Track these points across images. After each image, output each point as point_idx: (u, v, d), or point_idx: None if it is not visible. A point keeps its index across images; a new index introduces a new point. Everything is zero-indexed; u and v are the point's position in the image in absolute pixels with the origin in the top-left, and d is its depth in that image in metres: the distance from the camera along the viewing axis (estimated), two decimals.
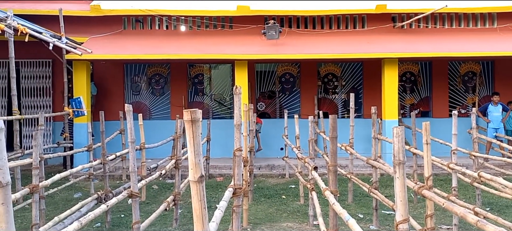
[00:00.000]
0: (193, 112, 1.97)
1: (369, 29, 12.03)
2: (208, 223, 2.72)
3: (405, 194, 2.19)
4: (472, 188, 7.90)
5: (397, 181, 2.19)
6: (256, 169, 10.43)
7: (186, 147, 10.23)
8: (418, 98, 12.86)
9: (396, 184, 2.20)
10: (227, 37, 11.86)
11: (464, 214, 3.32)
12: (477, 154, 7.49)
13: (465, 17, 12.11)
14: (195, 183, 2.00)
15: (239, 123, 4.56)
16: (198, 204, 2.02)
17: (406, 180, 4.95)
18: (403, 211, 2.19)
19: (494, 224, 4.70)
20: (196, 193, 2.01)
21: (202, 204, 2.01)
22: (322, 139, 10.54)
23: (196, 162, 1.99)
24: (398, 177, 2.18)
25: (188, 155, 2.02)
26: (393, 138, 2.16)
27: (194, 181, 2.00)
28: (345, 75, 12.90)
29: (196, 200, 2.02)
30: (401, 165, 2.19)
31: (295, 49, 11.18)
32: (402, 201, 2.18)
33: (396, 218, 2.25)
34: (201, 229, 2.01)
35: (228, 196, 4.04)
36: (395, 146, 2.19)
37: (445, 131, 8.94)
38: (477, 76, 12.71)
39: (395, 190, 2.21)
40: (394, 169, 2.17)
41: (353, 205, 7.60)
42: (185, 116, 1.99)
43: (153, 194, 8.51)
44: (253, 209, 7.24)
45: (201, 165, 2.01)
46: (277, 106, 12.97)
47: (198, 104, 12.66)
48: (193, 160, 2.00)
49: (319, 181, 4.86)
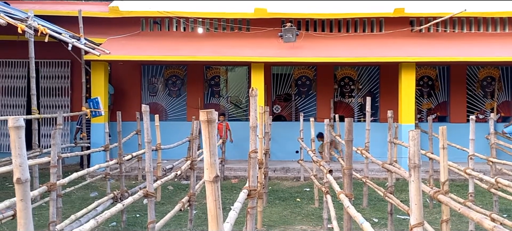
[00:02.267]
0: (209, 112, 2.00)
1: (387, 33, 11.94)
2: (223, 224, 2.75)
3: (420, 197, 2.18)
4: (489, 195, 7.77)
5: (412, 184, 2.18)
6: (271, 171, 10.45)
7: (201, 149, 10.34)
8: (436, 103, 12.71)
9: (411, 188, 2.19)
10: (244, 40, 11.92)
11: (481, 220, 3.28)
12: (495, 160, 7.37)
13: (484, 22, 11.94)
14: (210, 183, 2.02)
15: (255, 125, 4.57)
16: (213, 204, 2.04)
17: (422, 184, 4.90)
18: (418, 214, 2.18)
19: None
20: (211, 193, 2.03)
21: (217, 204, 2.03)
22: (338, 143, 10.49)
23: (211, 162, 2.02)
24: (413, 181, 2.17)
25: (204, 155, 2.04)
26: (409, 141, 2.15)
27: (209, 181, 2.02)
28: (362, 78, 12.83)
29: (211, 200, 2.04)
30: (417, 168, 2.18)
31: (312, 52, 11.16)
32: (417, 204, 2.17)
33: (410, 221, 2.24)
34: (216, 228, 2.03)
35: (242, 198, 4.06)
36: (411, 150, 2.18)
37: (462, 136, 8.83)
38: (496, 81, 12.51)
39: (410, 194, 2.20)
40: (409, 173, 2.16)
41: (368, 209, 7.55)
42: (201, 116, 2.01)
43: (168, 195, 8.58)
44: (268, 211, 7.25)
45: (217, 165, 2.03)
46: (293, 109, 12.95)
47: (214, 106, 12.72)
48: (208, 160, 2.02)
49: (334, 184, 4.84)
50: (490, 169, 8.12)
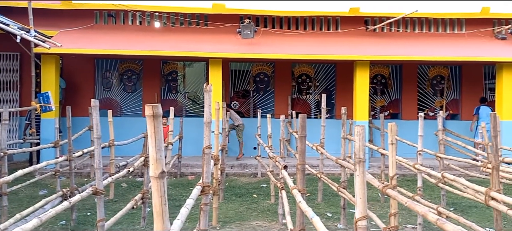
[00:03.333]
0: (154, 106, 1.96)
1: (342, 32, 12.19)
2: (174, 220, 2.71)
3: (364, 191, 2.24)
4: (437, 189, 8.10)
5: (357, 178, 2.23)
6: (228, 168, 10.44)
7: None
8: (388, 100, 13.11)
9: (356, 182, 2.24)
10: (201, 35, 11.81)
11: (425, 212, 3.40)
12: (442, 156, 7.69)
13: (435, 22, 12.42)
14: (156, 179, 1.99)
15: (209, 120, 4.54)
16: (159, 200, 2.00)
17: (372, 179, 5.03)
18: (362, 208, 2.23)
19: (456, 223, 4.85)
20: (156, 189, 2.00)
21: (163, 200, 2.00)
22: (295, 139, 10.60)
23: (157, 158, 1.98)
24: (358, 175, 2.22)
25: (150, 151, 2.00)
26: (355, 136, 2.20)
27: (155, 177, 1.99)
28: (319, 76, 13.04)
29: (157, 197, 2.00)
30: (362, 163, 2.23)
31: (270, 49, 11.22)
32: (362, 198, 2.22)
33: (355, 215, 2.29)
34: (161, 225, 2.00)
35: (195, 194, 4.02)
36: (356, 145, 2.23)
37: (413, 133, 9.12)
38: (445, 80, 13.06)
39: (355, 188, 2.25)
40: (354, 167, 2.21)
41: (323, 204, 7.69)
42: (146, 111, 1.97)
43: (121, 192, 8.39)
44: (224, 208, 7.23)
45: (163, 161, 1.99)
46: (251, 105, 12.99)
47: (171, 101, 12.54)
48: (154, 156, 1.98)
49: (288, 180, 4.89)
50: (438, 164, 8.47)
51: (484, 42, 11.92)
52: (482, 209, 7.32)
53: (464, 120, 12.68)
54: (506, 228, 6.19)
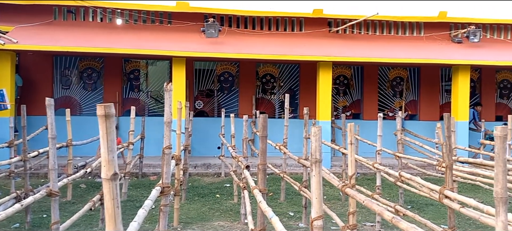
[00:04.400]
0: (107, 106, 1.90)
1: (306, 32, 12.33)
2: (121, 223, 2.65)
3: (320, 191, 2.26)
4: (396, 187, 8.32)
5: (313, 179, 2.25)
6: (191, 168, 10.35)
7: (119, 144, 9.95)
8: (350, 101, 13.37)
9: (312, 182, 2.26)
10: (165, 33, 11.66)
11: (381, 211, 3.49)
12: (400, 155, 7.91)
13: (395, 25, 12.76)
14: (108, 181, 1.93)
15: (170, 120, 4.48)
16: (111, 202, 1.95)
17: (332, 178, 5.10)
18: (318, 208, 2.25)
19: (412, 221, 4.99)
20: (108, 191, 1.94)
21: (115, 202, 1.95)
22: (258, 139, 10.64)
23: (109, 159, 1.93)
24: (314, 175, 2.24)
25: (101, 152, 1.95)
26: (311, 137, 2.22)
27: (107, 178, 1.93)
28: (283, 76, 13.13)
29: (109, 199, 1.95)
30: (318, 163, 2.25)
31: (234, 48, 11.20)
32: (318, 198, 2.25)
33: (311, 214, 2.31)
34: (113, 228, 1.95)
35: (154, 195, 3.96)
36: (312, 145, 2.25)
37: (374, 132, 9.33)
38: (404, 81, 13.44)
39: (311, 188, 2.27)
40: (311, 167, 2.23)
41: (285, 203, 7.74)
42: (98, 110, 1.91)
43: (80, 194, 8.16)
44: (186, 208, 7.16)
45: (115, 162, 1.94)
46: (215, 105, 12.93)
47: (134, 100, 12.31)
48: (106, 157, 1.93)
49: (249, 180, 4.89)
50: (397, 164, 8.71)
51: (441, 45, 12.35)
52: (437, 207, 7.57)
53: (422, 120, 13.10)
54: (459, 225, 6.43)
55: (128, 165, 8.22)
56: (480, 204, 3.74)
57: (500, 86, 13.87)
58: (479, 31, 12.12)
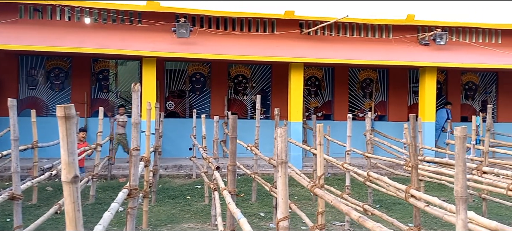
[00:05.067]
0: (66, 108, 1.85)
1: (278, 34, 12.39)
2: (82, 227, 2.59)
3: (286, 192, 2.27)
4: (365, 187, 8.46)
5: (279, 180, 2.26)
6: (162, 169, 10.24)
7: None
8: (322, 102, 13.51)
9: (279, 183, 2.26)
10: (135, 33, 11.49)
11: (348, 210, 3.53)
12: (369, 155, 8.05)
13: (365, 28, 12.97)
14: (68, 184, 1.88)
15: (137, 121, 4.40)
16: (71, 206, 1.90)
17: (301, 178, 5.13)
18: (284, 209, 2.26)
19: (379, 220, 5.07)
20: (69, 194, 1.89)
21: (76, 206, 1.90)
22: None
23: (69, 162, 1.88)
24: (280, 176, 2.25)
25: (61, 154, 1.89)
26: (277, 138, 2.22)
27: (67, 181, 1.88)
28: (255, 77, 13.15)
29: (69, 202, 1.90)
30: (284, 164, 2.26)
31: (206, 49, 11.14)
32: (283, 199, 2.25)
33: (277, 215, 2.32)
34: None
35: (121, 198, 3.89)
36: (278, 146, 2.25)
37: (345, 133, 9.47)
38: (373, 82, 13.69)
39: (278, 189, 2.28)
40: (276, 168, 2.23)
41: (256, 204, 7.75)
42: (58, 112, 1.86)
43: (46, 197, 7.95)
44: (155, 210, 7.07)
45: (76, 164, 1.89)
46: (187, 105, 12.83)
47: (102, 101, 12.08)
48: (66, 160, 1.88)
49: (219, 181, 4.87)
50: (367, 164, 8.85)
51: (409, 48, 12.64)
52: (405, 206, 7.73)
53: (391, 121, 13.36)
54: (425, 223, 6.59)
55: (96, 167, 8.05)
56: (444, 202, 3.83)
57: (465, 87, 14.31)
58: (445, 34, 12.47)
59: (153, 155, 7.80)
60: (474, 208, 7.58)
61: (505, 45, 13.34)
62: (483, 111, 13.27)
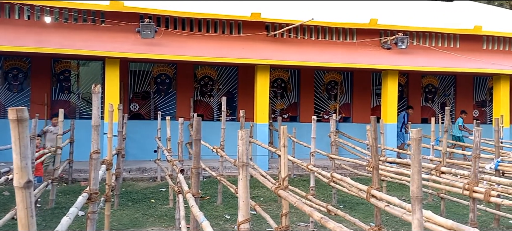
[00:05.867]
0: (19, 110, 1.79)
1: (244, 36, 12.40)
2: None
3: (247, 195, 2.27)
4: (330, 187, 8.59)
5: (240, 182, 2.26)
6: (126, 172, 10.05)
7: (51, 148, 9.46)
8: (288, 104, 13.63)
9: (239, 186, 2.26)
10: (98, 33, 11.22)
11: (311, 211, 3.57)
12: (333, 156, 8.17)
13: (329, 31, 13.17)
14: (21, 189, 1.82)
15: (98, 124, 4.31)
16: (24, 212, 1.83)
17: (265, 180, 5.15)
18: (245, 211, 2.26)
19: (342, 220, 5.16)
20: (21, 200, 1.83)
21: (29, 212, 1.83)
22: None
23: (22, 166, 1.81)
24: (241, 179, 2.25)
25: (14, 158, 1.83)
26: (238, 141, 2.22)
27: (19, 187, 1.82)
28: (221, 78, 13.11)
29: (22, 208, 1.83)
30: (245, 167, 2.26)
31: (171, 50, 11.01)
32: (244, 202, 2.25)
33: (238, 218, 2.31)
34: None
35: (80, 202, 3.80)
36: (239, 149, 2.25)
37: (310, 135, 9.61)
38: (338, 85, 13.92)
39: (239, 191, 2.28)
40: (238, 171, 2.23)
41: (222, 206, 7.73)
42: (9, 115, 1.80)
43: (3, 202, 7.64)
44: (118, 215, 6.92)
45: (28, 169, 1.83)
46: (152, 107, 12.64)
47: (64, 102, 11.74)
48: (18, 164, 1.82)
49: (183, 184, 4.82)
50: (331, 165, 8.98)
51: (372, 51, 12.93)
52: (368, 206, 7.88)
53: (355, 122, 13.62)
54: (387, 222, 6.75)
55: (56, 170, 7.81)
56: (404, 202, 3.94)
57: (426, 90, 14.77)
58: (406, 38, 12.84)
59: (115, 158, 7.64)
60: (433, 207, 7.84)
61: (463, 49, 13.87)
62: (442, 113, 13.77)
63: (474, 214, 5.20)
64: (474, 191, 5.03)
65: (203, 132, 11.92)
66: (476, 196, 5.03)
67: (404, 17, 13.73)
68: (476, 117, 14.48)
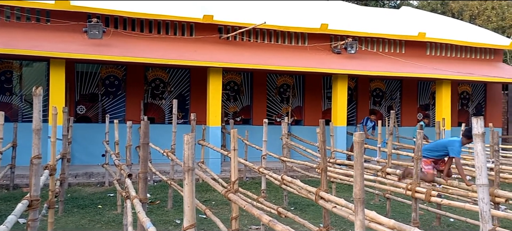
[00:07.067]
0: None
1: (197, 38, 12.30)
2: None
3: (192, 200, 2.24)
4: (281, 190, 8.67)
5: (186, 187, 2.22)
6: (72, 177, 9.69)
7: None
8: (241, 106, 13.64)
9: (185, 191, 2.23)
10: (42, 32, 10.77)
11: (260, 214, 3.59)
12: (285, 159, 8.27)
13: (282, 35, 13.33)
14: None
15: (39, 127, 4.12)
16: None
17: (215, 184, 5.12)
18: (190, 216, 2.23)
19: (292, 222, 5.21)
20: None
21: None
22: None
23: None
24: (187, 184, 2.22)
25: None
26: (184, 145, 2.19)
27: None
28: (173, 81, 12.92)
29: None
30: (190, 171, 2.23)
31: (120, 51, 10.73)
32: (190, 207, 2.22)
33: (183, 223, 2.28)
34: None
35: (20, 210, 3.62)
36: (185, 153, 2.22)
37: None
38: (290, 88, 14.12)
39: (184, 196, 2.24)
40: (184, 175, 2.19)
41: (172, 211, 7.60)
42: None
43: None
44: (62, 221, 6.65)
45: None
46: (100, 110, 12.25)
47: (5, 105, 11.14)
48: None
49: (130, 189, 4.70)
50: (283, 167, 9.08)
51: (323, 55, 13.22)
52: (318, 207, 7.98)
53: (307, 125, 13.84)
54: (336, 223, 6.90)
55: None
56: (350, 203, 4.04)
57: (373, 94, 15.27)
58: (355, 43, 13.23)
59: (60, 162, 7.33)
60: (380, 207, 8.10)
61: (408, 55, 14.47)
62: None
63: (417, 214, 5.42)
64: (416, 192, 5.24)
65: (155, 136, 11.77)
66: (418, 196, 5.25)
67: (354, 23, 14.13)
68: (420, 120, 15.13)
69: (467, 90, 16.22)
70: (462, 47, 15.36)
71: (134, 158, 7.68)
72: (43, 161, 7.20)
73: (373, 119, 13.35)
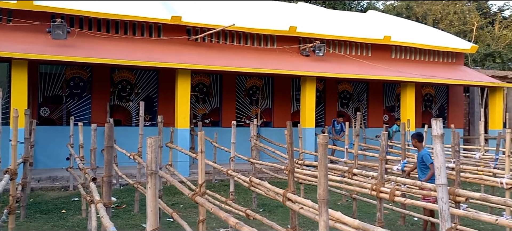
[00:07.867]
0: None
1: (165, 39, 12.16)
2: None
3: (155, 204, 2.21)
4: (250, 192, 8.68)
5: (149, 191, 2.19)
6: (34, 182, 9.40)
7: None
8: (210, 108, 13.58)
9: (148, 194, 2.20)
10: (4, 32, 10.43)
11: (226, 217, 3.58)
12: (253, 161, 8.28)
13: (251, 37, 13.36)
14: None
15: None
16: None
17: (182, 187, 5.07)
18: (153, 221, 2.20)
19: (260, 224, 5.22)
20: None
21: None
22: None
23: None
24: (150, 188, 2.18)
25: None
26: (147, 148, 2.16)
27: None
28: (140, 82, 12.73)
29: None
30: (153, 175, 2.20)
31: (86, 52, 10.49)
32: (153, 211, 2.19)
33: (146, 228, 2.25)
34: None
35: None
36: (148, 157, 2.19)
37: None
38: (260, 90, 14.16)
39: (147, 201, 2.21)
40: (147, 179, 2.16)
41: (139, 215, 7.48)
42: None
43: None
44: (24, 227, 6.44)
45: None
46: (64, 112, 11.93)
47: None
48: None
49: (94, 193, 4.59)
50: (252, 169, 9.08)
51: (291, 58, 13.33)
52: (286, 209, 8.01)
53: (276, 127, 13.92)
54: (304, 224, 6.96)
55: None
56: (317, 204, 4.08)
57: (341, 96, 15.51)
58: (323, 46, 13.41)
59: (22, 166, 7.09)
60: (347, 207, 8.23)
61: (374, 58, 14.78)
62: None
63: (381, 213, 5.53)
64: (381, 192, 5.35)
65: (121, 138, 11.60)
66: (383, 196, 5.36)
67: (322, 26, 14.32)
68: (386, 122, 15.47)
69: (431, 92, 16.71)
70: (426, 50, 15.82)
71: (100, 161, 7.51)
72: (3, 165, 7.00)
73: (340, 121, 13.54)
